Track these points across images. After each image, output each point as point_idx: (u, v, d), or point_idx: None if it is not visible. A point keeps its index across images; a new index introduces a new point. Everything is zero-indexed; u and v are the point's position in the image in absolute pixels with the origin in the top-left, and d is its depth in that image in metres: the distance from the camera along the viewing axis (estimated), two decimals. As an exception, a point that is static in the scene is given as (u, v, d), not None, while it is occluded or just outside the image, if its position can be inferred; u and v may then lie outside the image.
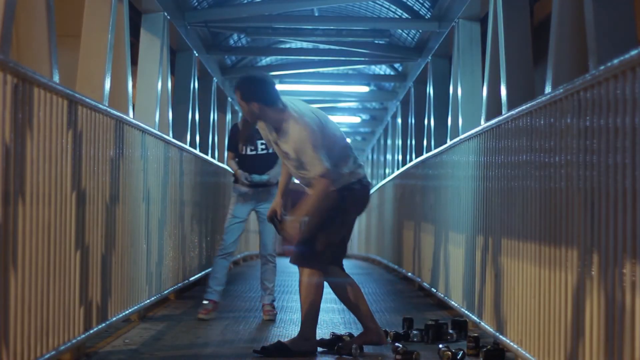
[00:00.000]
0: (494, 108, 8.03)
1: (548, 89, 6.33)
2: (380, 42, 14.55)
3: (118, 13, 8.04)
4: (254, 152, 7.66)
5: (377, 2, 13.97)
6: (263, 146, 7.63)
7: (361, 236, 21.89)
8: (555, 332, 4.36)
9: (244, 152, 7.69)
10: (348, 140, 6.13)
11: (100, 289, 5.55)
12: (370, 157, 25.96)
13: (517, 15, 7.67)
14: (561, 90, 4.31)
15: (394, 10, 14.12)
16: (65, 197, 4.76)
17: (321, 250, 5.77)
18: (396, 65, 17.29)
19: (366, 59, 15.39)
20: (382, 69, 18.69)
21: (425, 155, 10.27)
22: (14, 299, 4.03)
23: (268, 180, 7.63)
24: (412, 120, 15.16)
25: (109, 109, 5.72)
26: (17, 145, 4.02)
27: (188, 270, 9.36)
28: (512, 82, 7.48)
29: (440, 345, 5.66)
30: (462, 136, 7.47)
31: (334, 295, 9.38)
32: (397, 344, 5.69)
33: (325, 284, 5.91)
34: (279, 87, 6.76)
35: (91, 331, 5.29)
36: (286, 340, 5.75)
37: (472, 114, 9.81)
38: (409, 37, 15.06)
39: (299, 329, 5.74)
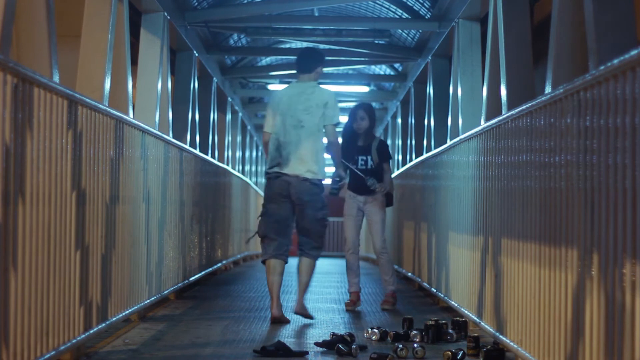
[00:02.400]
0: (494, 108, 8.03)
1: (548, 89, 6.32)
2: (380, 42, 14.55)
3: (118, 13, 8.04)
4: (355, 166, 8.59)
5: (377, 2, 13.97)
6: (362, 162, 8.60)
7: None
8: (555, 332, 4.36)
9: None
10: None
11: (100, 289, 5.55)
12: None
13: (517, 15, 7.67)
14: (561, 90, 4.31)
15: (394, 10, 14.12)
16: (65, 197, 4.76)
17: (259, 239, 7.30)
18: (396, 65, 17.29)
19: (366, 59, 15.38)
20: (382, 69, 18.69)
21: (425, 155, 10.27)
22: (14, 299, 4.03)
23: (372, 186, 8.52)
24: (412, 120, 15.16)
25: (109, 109, 5.72)
26: (17, 145, 4.02)
27: (188, 270, 9.36)
28: (512, 82, 7.48)
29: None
30: (462, 136, 7.47)
31: (334, 295, 9.38)
32: (397, 344, 5.69)
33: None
34: (280, 87, 7.90)
35: (91, 331, 5.29)
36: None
37: (472, 114, 9.80)
38: (409, 37, 15.06)
39: (298, 329, 5.77)
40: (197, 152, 10.76)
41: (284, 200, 7.20)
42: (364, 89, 19.42)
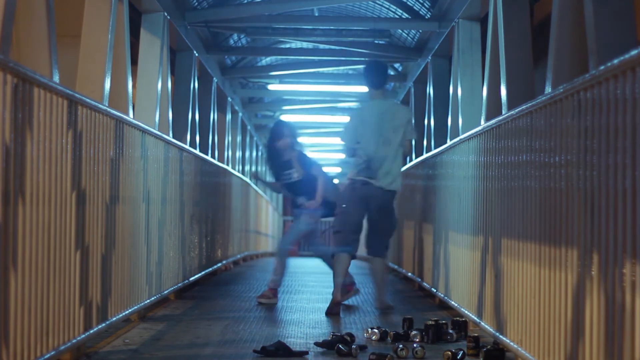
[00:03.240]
0: (494, 108, 8.03)
1: (548, 89, 6.33)
2: (380, 42, 14.55)
3: (118, 13, 8.04)
4: (286, 181, 9.21)
5: (377, 2, 13.97)
6: (287, 176, 9.12)
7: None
8: (555, 332, 4.36)
9: None
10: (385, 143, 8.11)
11: (100, 289, 5.55)
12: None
13: (517, 15, 7.68)
14: (561, 90, 4.31)
15: (394, 10, 14.13)
16: (65, 197, 4.76)
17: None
18: (396, 65, 17.29)
19: (366, 59, 15.38)
20: (382, 69, 18.65)
21: (425, 155, 10.27)
22: (14, 299, 4.03)
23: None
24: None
25: (109, 109, 5.72)
26: (17, 145, 4.02)
27: (188, 270, 9.36)
28: (512, 82, 7.48)
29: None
30: (462, 136, 7.47)
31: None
32: (397, 344, 5.69)
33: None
34: (280, 87, 8.48)
35: (91, 331, 5.29)
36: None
37: (472, 114, 9.81)
38: (409, 37, 15.06)
39: (298, 329, 5.78)
40: (197, 152, 10.75)
41: (363, 205, 8.15)
42: (364, 89, 19.38)
